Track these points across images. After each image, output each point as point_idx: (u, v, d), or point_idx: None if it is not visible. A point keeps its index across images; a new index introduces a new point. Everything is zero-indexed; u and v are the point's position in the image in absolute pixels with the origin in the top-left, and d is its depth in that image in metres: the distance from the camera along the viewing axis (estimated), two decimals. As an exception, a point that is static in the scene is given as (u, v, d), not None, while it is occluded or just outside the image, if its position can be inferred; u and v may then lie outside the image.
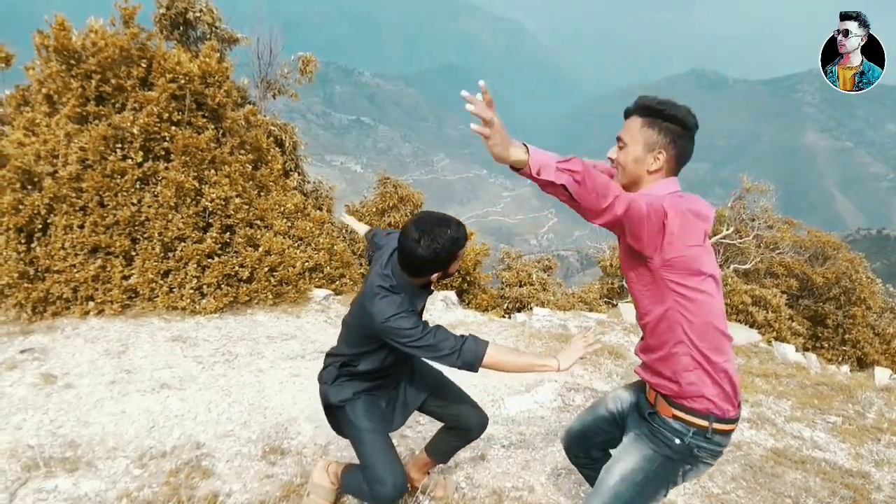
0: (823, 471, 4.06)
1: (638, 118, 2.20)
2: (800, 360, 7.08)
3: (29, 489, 3.22)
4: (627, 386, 2.61)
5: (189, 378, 4.75)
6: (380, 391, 2.86)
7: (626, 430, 2.40)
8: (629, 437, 2.34)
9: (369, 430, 2.72)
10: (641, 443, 2.27)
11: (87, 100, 6.21)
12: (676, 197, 2.08)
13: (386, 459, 2.68)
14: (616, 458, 2.33)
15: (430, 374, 3.01)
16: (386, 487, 2.62)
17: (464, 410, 2.98)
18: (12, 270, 5.82)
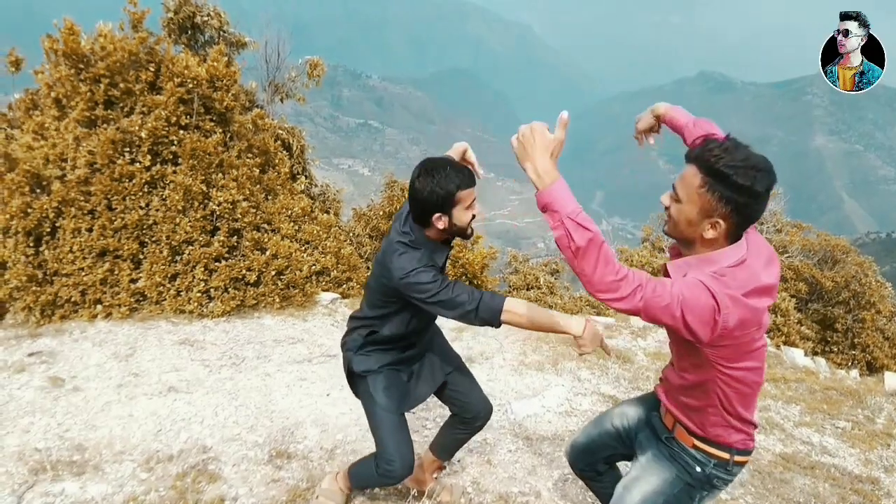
0: (833, 476, 4.03)
1: (698, 173, 1.87)
2: (809, 364, 7.03)
3: (36, 492, 3.23)
4: (633, 401, 2.57)
5: (196, 381, 4.76)
6: (403, 365, 2.86)
7: (641, 449, 2.36)
8: (647, 457, 2.30)
9: (384, 408, 2.74)
10: (661, 465, 2.24)
11: (95, 104, 6.24)
12: (735, 272, 1.86)
13: (396, 438, 2.71)
14: (634, 477, 2.28)
15: (452, 355, 3.03)
16: (393, 465, 2.67)
17: (474, 396, 3.01)
18: (21, 274, 5.84)
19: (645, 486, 2.22)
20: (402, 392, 2.82)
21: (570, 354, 6.14)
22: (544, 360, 5.89)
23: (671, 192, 1.98)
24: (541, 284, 14.99)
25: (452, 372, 2.99)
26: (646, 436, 2.37)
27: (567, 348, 6.37)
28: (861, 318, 15.92)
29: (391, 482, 2.81)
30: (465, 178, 2.43)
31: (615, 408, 2.63)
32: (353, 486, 3.06)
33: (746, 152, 1.82)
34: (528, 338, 6.64)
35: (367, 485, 3.02)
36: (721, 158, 1.79)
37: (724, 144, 1.83)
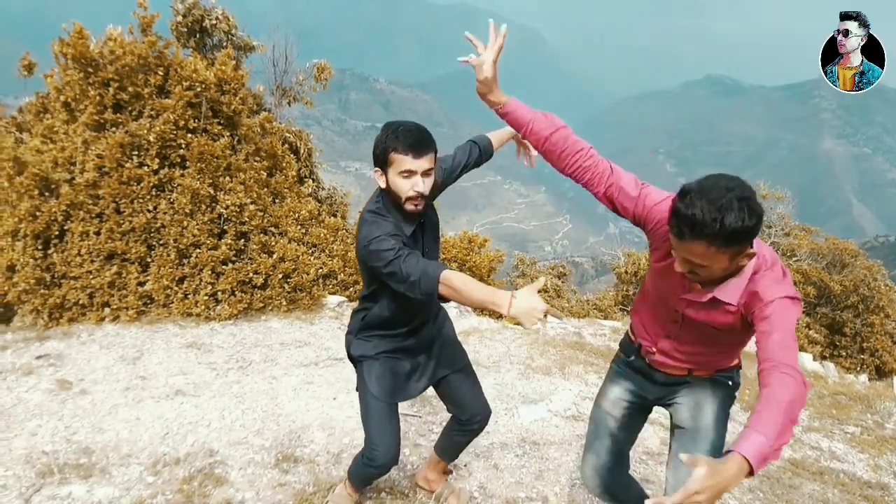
0: (842, 482, 4.01)
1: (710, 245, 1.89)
2: (817, 369, 7.00)
3: (43, 495, 3.24)
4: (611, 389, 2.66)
5: (203, 384, 4.76)
6: (404, 355, 2.81)
7: (676, 399, 2.52)
8: (690, 393, 2.48)
9: (375, 397, 2.73)
10: (707, 388, 2.46)
11: (104, 107, 6.26)
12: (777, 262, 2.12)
13: (381, 426, 2.73)
14: (697, 405, 2.45)
15: (459, 354, 2.97)
16: (377, 451, 2.70)
17: (473, 399, 2.97)
18: (29, 277, 5.87)
19: (711, 406, 2.44)
20: (396, 383, 2.78)
21: (578, 358, 6.13)
22: (551, 365, 5.88)
23: (685, 265, 2.01)
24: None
25: (456, 372, 2.93)
26: (661, 389, 2.55)
27: (575, 352, 6.36)
28: (870, 322, 15.84)
29: (375, 471, 2.82)
30: (406, 145, 2.36)
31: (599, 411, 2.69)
32: (352, 484, 3.05)
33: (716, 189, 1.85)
34: (535, 342, 6.63)
35: (359, 478, 3.00)
36: (717, 220, 1.81)
37: (696, 202, 1.84)
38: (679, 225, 1.89)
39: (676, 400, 2.52)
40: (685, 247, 1.93)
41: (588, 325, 7.89)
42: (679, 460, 2.08)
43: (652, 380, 2.54)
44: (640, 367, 2.58)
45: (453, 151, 2.89)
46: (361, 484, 3.07)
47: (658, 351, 2.44)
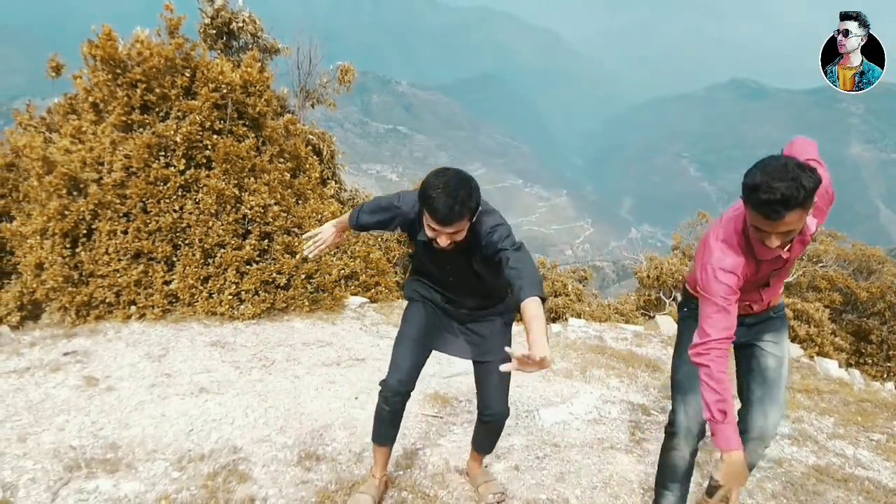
0: (867, 489, 3.96)
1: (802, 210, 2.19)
2: (843, 375, 6.91)
3: (70, 489, 3.29)
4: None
5: (227, 383, 4.81)
6: (439, 308, 3.07)
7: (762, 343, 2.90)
8: (776, 341, 2.89)
9: (403, 331, 3.05)
10: (783, 330, 2.92)
11: (132, 108, 6.35)
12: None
13: (398, 352, 3.00)
14: (781, 355, 2.88)
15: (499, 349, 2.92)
16: (389, 376, 2.96)
17: (493, 393, 3.08)
18: (57, 275, 5.96)
19: (786, 351, 2.91)
20: (428, 326, 3.05)
21: (600, 362, 6.11)
22: (573, 368, 5.87)
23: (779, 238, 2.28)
24: (569, 291, 14.94)
25: (488, 362, 3.02)
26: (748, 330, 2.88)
27: (596, 356, 6.34)
28: (897, 329, 15.62)
29: (383, 395, 3.00)
30: (436, 210, 2.46)
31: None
32: (373, 438, 3.18)
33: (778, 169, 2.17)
34: (556, 345, 6.62)
35: (376, 421, 3.11)
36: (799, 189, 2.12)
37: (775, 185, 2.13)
38: (771, 209, 2.15)
39: (765, 342, 2.90)
40: (780, 223, 2.19)
41: (610, 328, 7.86)
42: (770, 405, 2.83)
43: (741, 324, 2.71)
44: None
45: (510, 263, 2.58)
46: (376, 429, 3.14)
47: (763, 301, 2.81)
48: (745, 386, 2.93)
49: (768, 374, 2.86)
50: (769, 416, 2.83)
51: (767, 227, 2.23)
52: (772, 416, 2.83)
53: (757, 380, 2.88)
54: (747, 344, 2.92)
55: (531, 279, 2.41)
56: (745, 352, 2.96)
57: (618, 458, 4.07)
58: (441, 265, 2.88)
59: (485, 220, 2.64)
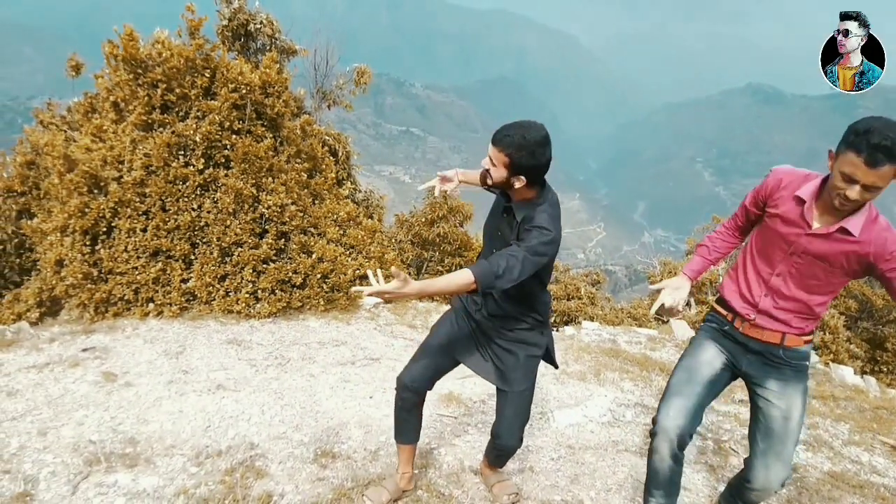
0: (882, 496, 3.95)
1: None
2: (858, 382, 6.87)
3: (90, 483, 3.33)
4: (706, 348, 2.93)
5: (243, 380, 4.86)
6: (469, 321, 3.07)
7: (758, 376, 2.80)
8: (782, 393, 2.75)
9: (431, 336, 3.10)
10: (796, 384, 2.75)
11: (152, 108, 6.41)
12: None
13: (419, 356, 3.06)
14: (787, 408, 2.74)
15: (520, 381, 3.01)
16: (403, 372, 3.04)
17: (503, 422, 3.08)
18: (77, 271, 6.03)
19: (798, 408, 2.74)
20: (454, 335, 3.07)
21: (614, 365, 6.11)
22: (586, 371, 5.87)
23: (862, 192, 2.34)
24: (582, 295, 14.93)
25: (507, 392, 3.02)
26: (753, 361, 2.81)
27: (610, 359, 6.34)
28: (916, 337, 15.49)
29: (398, 390, 3.07)
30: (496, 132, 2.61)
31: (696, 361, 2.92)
32: (394, 435, 3.24)
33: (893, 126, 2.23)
34: (569, 348, 6.63)
35: (395, 418, 3.17)
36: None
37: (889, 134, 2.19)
38: (874, 153, 2.20)
39: (767, 389, 2.79)
40: (875, 173, 2.24)
41: (623, 332, 7.85)
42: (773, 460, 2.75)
43: (746, 348, 2.81)
44: (733, 336, 2.85)
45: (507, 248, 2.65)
46: (395, 426, 3.21)
47: (758, 312, 2.74)
48: (751, 434, 2.91)
49: (772, 426, 2.78)
50: (771, 470, 2.79)
51: (861, 174, 2.27)
52: (774, 471, 2.79)
53: (761, 431, 2.82)
54: (753, 388, 2.87)
55: (495, 263, 2.43)
56: (751, 394, 2.91)
57: (632, 460, 4.08)
58: (493, 234, 2.89)
59: (542, 215, 2.65)
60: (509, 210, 2.74)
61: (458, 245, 13.13)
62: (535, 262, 2.51)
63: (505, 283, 2.44)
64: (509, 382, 2.99)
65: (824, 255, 2.54)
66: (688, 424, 2.78)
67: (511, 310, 2.93)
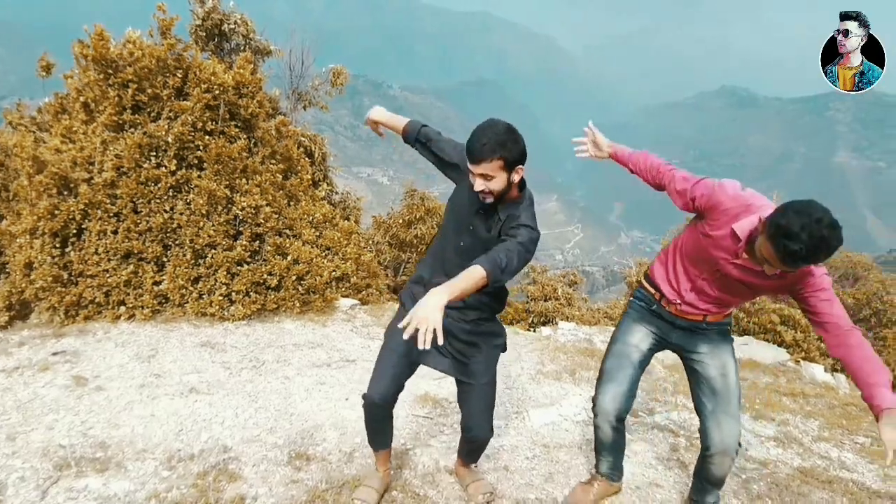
0: (850, 491, 4.00)
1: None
2: (828, 380, 6.98)
3: (60, 488, 3.28)
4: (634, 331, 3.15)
5: (217, 383, 4.81)
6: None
7: (688, 345, 3.04)
8: (714, 354, 3.00)
9: (388, 342, 3.04)
10: (723, 345, 3.02)
11: (123, 108, 6.33)
12: None
13: (378, 367, 3.01)
14: (722, 366, 2.99)
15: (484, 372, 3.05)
16: (371, 389, 2.96)
17: (474, 415, 3.11)
18: (46, 274, 5.93)
19: (731, 364, 3.00)
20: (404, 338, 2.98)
21: (589, 365, 6.14)
22: (562, 370, 5.90)
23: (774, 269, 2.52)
24: (559, 295, 14.97)
25: (472, 385, 3.04)
26: (681, 336, 3.06)
27: (585, 358, 6.37)
28: (882, 336, 15.70)
29: (366, 407, 3.03)
30: (469, 144, 2.57)
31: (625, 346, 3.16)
32: (369, 443, 3.27)
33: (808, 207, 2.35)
34: (545, 348, 6.65)
35: (367, 429, 3.19)
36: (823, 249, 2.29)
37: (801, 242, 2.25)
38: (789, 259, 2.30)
39: (700, 353, 3.03)
40: (790, 270, 2.43)
41: (598, 332, 7.89)
42: (723, 417, 2.92)
43: (673, 325, 3.05)
44: (660, 314, 3.08)
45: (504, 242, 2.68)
46: (369, 437, 3.23)
47: (683, 302, 2.95)
48: (697, 400, 3.08)
49: (714, 385, 2.98)
50: (724, 428, 2.93)
51: (777, 265, 2.40)
52: (727, 427, 2.92)
53: (705, 392, 3.02)
54: (686, 356, 3.10)
55: (497, 258, 2.45)
56: (686, 365, 3.14)
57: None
58: (461, 228, 2.85)
59: (526, 212, 2.70)
60: (487, 207, 2.74)
61: (435, 247, 13.10)
62: (526, 257, 2.57)
63: (507, 277, 2.50)
64: (474, 375, 3.02)
65: (749, 283, 2.72)
66: (623, 404, 3.11)
67: (477, 301, 2.94)
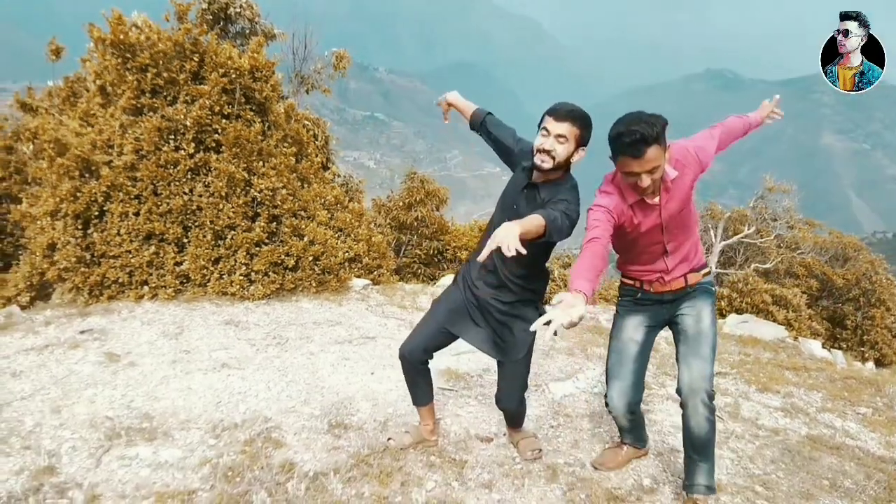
0: (857, 456, 4.23)
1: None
2: (826, 355, 7.23)
3: (112, 456, 3.43)
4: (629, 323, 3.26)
5: (245, 359, 4.97)
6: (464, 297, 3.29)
7: (681, 311, 3.15)
8: (690, 305, 3.12)
9: (433, 310, 3.37)
10: (703, 298, 3.11)
11: (142, 92, 6.43)
12: None
13: (418, 329, 3.34)
14: (697, 316, 3.09)
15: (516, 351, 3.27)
16: (403, 344, 3.34)
17: (503, 388, 3.43)
18: (70, 255, 6.07)
19: (707, 315, 3.10)
20: (451, 308, 3.31)
21: (598, 342, 6.35)
22: (573, 346, 6.10)
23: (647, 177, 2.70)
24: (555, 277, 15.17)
25: (504, 363, 3.34)
26: (673, 307, 3.17)
27: (594, 335, 6.58)
28: (871, 315, 16.07)
29: (401, 361, 3.37)
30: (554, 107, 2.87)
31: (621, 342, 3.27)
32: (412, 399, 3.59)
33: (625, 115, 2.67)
34: (554, 325, 6.83)
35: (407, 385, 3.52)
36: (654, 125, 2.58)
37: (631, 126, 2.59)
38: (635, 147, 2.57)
39: (682, 311, 3.14)
40: (644, 160, 2.60)
41: (603, 311, 8.11)
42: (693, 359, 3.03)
43: (661, 302, 3.16)
44: (648, 299, 3.18)
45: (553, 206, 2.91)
46: (410, 393, 3.57)
47: (668, 271, 3.06)
48: (676, 351, 3.20)
49: (688, 331, 3.09)
50: (692, 367, 3.01)
51: (636, 166, 2.62)
52: (695, 367, 3.01)
53: (680, 339, 3.15)
54: (672, 320, 3.20)
55: (551, 214, 2.67)
56: (672, 329, 3.25)
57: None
58: (507, 207, 3.08)
59: (568, 193, 2.91)
60: (532, 187, 2.94)
61: (436, 229, 13.30)
62: (568, 224, 2.76)
63: (556, 235, 2.70)
64: (507, 353, 3.26)
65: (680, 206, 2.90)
66: (631, 397, 3.22)
67: (517, 279, 3.14)
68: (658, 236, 2.96)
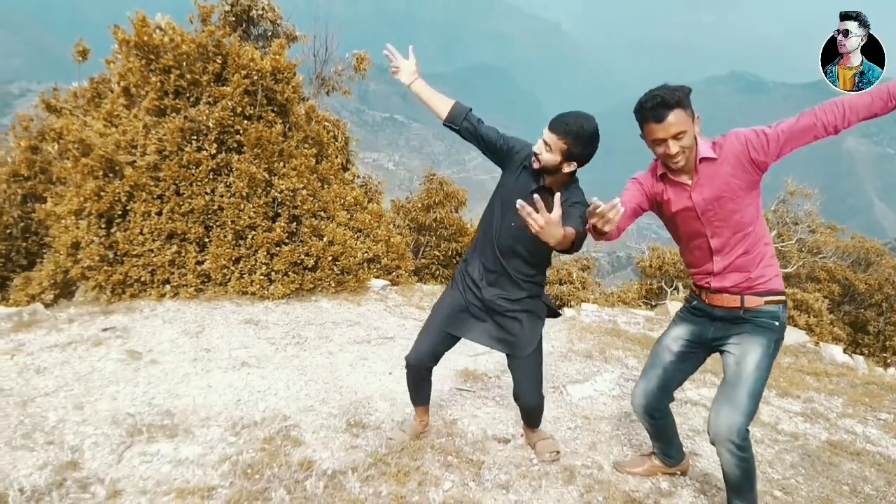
0: (878, 462, 4.19)
1: None
2: (847, 361, 7.15)
3: (134, 452, 3.48)
4: (673, 329, 3.17)
5: (265, 358, 5.02)
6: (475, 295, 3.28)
7: (724, 337, 2.93)
8: (740, 338, 2.86)
9: (432, 317, 3.39)
10: (755, 336, 2.83)
11: (165, 93, 6.52)
12: None
13: (421, 338, 3.37)
14: (741, 354, 2.83)
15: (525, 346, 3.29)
16: (409, 352, 3.40)
17: (520, 383, 3.43)
18: (94, 254, 6.15)
19: (754, 356, 2.80)
20: (451, 311, 3.33)
21: (616, 344, 6.33)
22: (591, 348, 6.09)
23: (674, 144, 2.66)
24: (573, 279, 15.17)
25: (515, 358, 3.35)
26: (719, 327, 2.95)
27: (612, 338, 6.56)
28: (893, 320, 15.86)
29: (406, 368, 3.45)
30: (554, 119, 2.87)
31: (660, 346, 3.20)
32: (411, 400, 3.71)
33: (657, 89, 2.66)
34: (571, 328, 6.84)
35: (409, 388, 3.62)
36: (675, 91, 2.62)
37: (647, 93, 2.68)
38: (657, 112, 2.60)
39: (728, 346, 2.91)
40: (667, 124, 2.59)
41: (622, 313, 8.09)
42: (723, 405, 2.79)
43: (711, 318, 2.97)
44: (701, 309, 3.02)
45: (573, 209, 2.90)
46: (410, 395, 3.67)
47: (715, 274, 2.87)
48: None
49: (727, 371, 2.87)
50: (720, 415, 2.79)
51: (660, 131, 2.61)
52: (723, 415, 2.78)
53: (722, 379, 2.92)
54: (720, 351, 2.99)
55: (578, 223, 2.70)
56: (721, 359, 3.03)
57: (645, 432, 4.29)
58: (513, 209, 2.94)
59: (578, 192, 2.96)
60: (541, 190, 2.94)
61: (454, 230, 13.33)
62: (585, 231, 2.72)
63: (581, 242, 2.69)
64: (516, 348, 3.29)
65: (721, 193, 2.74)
66: (651, 401, 3.19)
67: (525, 276, 3.19)
68: (697, 225, 2.84)
